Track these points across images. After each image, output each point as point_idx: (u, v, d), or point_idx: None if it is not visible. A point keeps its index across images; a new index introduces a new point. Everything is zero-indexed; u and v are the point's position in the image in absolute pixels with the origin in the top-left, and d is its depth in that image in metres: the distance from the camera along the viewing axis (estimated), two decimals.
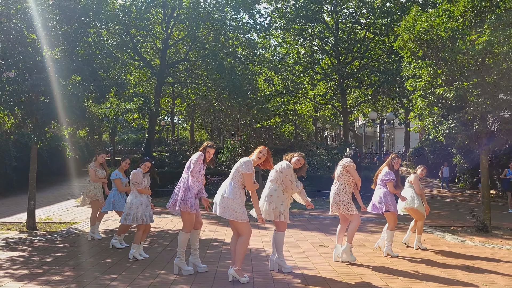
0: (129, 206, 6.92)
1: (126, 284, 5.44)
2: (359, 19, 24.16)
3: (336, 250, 6.96)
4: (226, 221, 10.51)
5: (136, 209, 6.88)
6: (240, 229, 5.54)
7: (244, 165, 5.46)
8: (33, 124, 9.58)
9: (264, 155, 5.65)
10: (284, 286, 5.47)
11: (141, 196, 6.97)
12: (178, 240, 5.93)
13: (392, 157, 7.69)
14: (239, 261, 5.53)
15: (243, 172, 5.45)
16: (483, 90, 9.72)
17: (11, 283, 5.42)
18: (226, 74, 23.58)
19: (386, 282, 5.77)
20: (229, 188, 5.48)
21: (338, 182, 6.83)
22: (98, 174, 8.70)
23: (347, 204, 6.65)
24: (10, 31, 8.77)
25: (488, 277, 6.12)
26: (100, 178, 8.72)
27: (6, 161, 16.96)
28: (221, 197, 5.49)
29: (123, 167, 8.29)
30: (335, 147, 22.38)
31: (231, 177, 5.55)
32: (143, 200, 6.96)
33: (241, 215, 5.42)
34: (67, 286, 5.33)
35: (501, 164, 18.43)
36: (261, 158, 5.65)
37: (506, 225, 11.18)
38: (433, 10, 10.37)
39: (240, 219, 5.43)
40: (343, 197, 6.69)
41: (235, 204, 5.40)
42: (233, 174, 5.54)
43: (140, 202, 6.92)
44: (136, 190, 6.94)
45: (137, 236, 6.87)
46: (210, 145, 5.99)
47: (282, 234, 6.14)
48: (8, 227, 9.79)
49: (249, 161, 5.54)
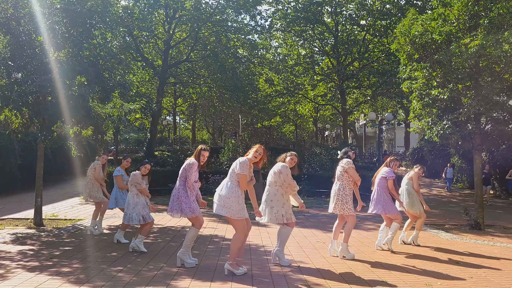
0: (126, 207, 7.31)
1: (131, 275, 5.75)
2: (359, 21, 24.46)
3: (332, 245, 7.25)
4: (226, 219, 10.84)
5: (132, 210, 7.24)
6: (234, 226, 5.84)
7: (239, 166, 5.74)
8: (40, 124, 9.90)
9: (260, 154, 5.92)
10: (281, 278, 5.78)
11: (138, 197, 7.30)
12: (188, 235, 6.24)
13: (390, 159, 7.94)
14: (232, 256, 5.85)
15: (238, 173, 5.74)
16: (476, 92, 10.01)
17: (24, 274, 5.75)
18: (227, 75, 23.92)
19: (377, 274, 6.08)
20: (225, 187, 5.78)
21: (339, 182, 7.07)
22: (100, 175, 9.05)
23: (345, 204, 6.90)
24: (19, 34, 9.09)
25: (475, 271, 6.43)
26: (101, 178, 9.05)
27: (11, 159, 17.29)
28: (219, 195, 5.80)
29: (125, 165, 8.62)
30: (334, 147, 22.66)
31: (229, 176, 5.85)
32: (139, 201, 7.29)
33: (237, 212, 5.70)
34: (76, 277, 5.64)
35: (498, 164, 18.72)
36: (257, 157, 5.91)
37: (500, 223, 11.48)
38: (428, 14, 10.66)
39: (235, 217, 5.71)
40: (343, 197, 6.93)
41: (231, 202, 5.69)
42: (230, 174, 5.84)
43: (136, 203, 7.28)
44: (136, 190, 7.27)
45: (143, 230, 7.21)
46: (204, 148, 6.25)
47: (289, 229, 6.45)
48: (16, 223, 10.11)
49: (245, 162, 5.78)
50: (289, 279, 5.77)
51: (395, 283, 5.67)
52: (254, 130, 46.62)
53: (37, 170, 10.10)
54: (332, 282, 5.65)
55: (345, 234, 7.00)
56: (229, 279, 5.67)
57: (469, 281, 5.87)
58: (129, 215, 7.26)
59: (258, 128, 46.37)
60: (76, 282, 5.38)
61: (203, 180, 17.23)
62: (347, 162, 7.06)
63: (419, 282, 5.76)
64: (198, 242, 8.19)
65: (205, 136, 58.82)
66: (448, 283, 5.75)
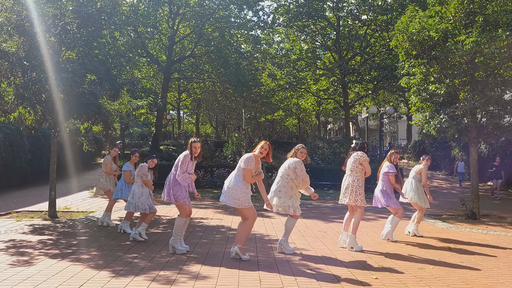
0: (132, 196, 7.81)
1: (146, 261, 6.22)
2: (360, 16, 24.76)
3: (342, 236, 7.49)
4: (232, 210, 11.32)
5: (138, 199, 7.77)
6: (245, 214, 6.29)
7: (243, 161, 6.23)
8: (53, 121, 10.35)
9: (266, 149, 6.36)
10: (284, 264, 6.24)
11: (143, 188, 7.82)
12: (175, 223, 6.77)
13: (391, 153, 8.26)
14: (243, 240, 6.33)
15: (242, 167, 6.22)
16: (472, 87, 10.41)
17: (47, 260, 6.23)
18: (230, 70, 24.31)
19: (375, 260, 6.53)
20: (233, 180, 6.27)
21: (353, 174, 7.30)
22: (112, 168, 9.55)
23: (359, 195, 7.19)
24: (33, 36, 9.51)
25: (467, 257, 6.87)
26: (113, 171, 9.57)
27: (21, 155, 17.78)
28: (227, 187, 6.28)
29: (134, 160, 9.06)
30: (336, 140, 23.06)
31: (236, 170, 6.35)
32: (144, 192, 7.82)
33: (244, 202, 6.18)
34: (96, 262, 6.12)
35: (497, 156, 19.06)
36: (263, 153, 6.35)
37: (495, 213, 11.90)
38: (425, 11, 11.01)
39: (243, 206, 6.19)
40: (356, 188, 7.21)
41: (238, 193, 6.16)
42: (237, 168, 6.33)
43: (142, 193, 7.81)
44: (141, 181, 7.76)
45: (147, 218, 7.73)
46: (195, 141, 6.71)
47: (294, 221, 6.89)
48: (31, 215, 10.59)
49: (250, 157, 6.26)
50: (292, 264, 6.23)
51: (390, 266, 6.12)
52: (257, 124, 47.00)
53: (51, 165, 10.56)
54: (331, 267, 6.10)
55: (354, 226, 7.27)
56: (236, 264, 6.12)
57: (460, 265, 6.31)
58: (135, 204, 7.76)
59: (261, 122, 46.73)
60: (96, 267, 5.86)
61: (207, 173, 17.73)
62: (362, 155, 7.28)
63: (412, 266, 6.21)
64: (206, 231, 8.67)
65: (209, 130, 59.31)
66: (440, 266, 6.19)
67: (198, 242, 7.61)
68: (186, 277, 5.47)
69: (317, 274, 5.71)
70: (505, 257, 6.94)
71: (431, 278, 5.59)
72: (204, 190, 16.66)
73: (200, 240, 7.84)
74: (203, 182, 17.40)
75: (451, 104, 10.86)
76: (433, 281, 5.48)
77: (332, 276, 5.61)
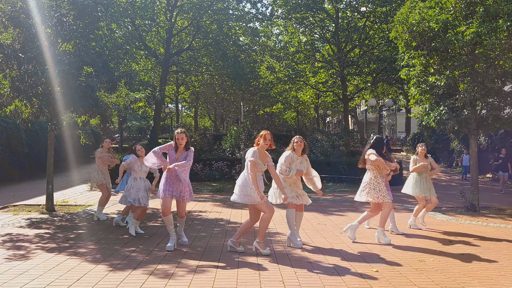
0: (127, 189, 7.68)
1: (144, 255, 6.16)
2: (359, 8, 24.60)
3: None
4: (230, 204, 11.27)
5: (128, 192, 7.62)
6: (261, 209, 6.19)
7: (247, 154, 6.19)
8: (50, 114, 10.25)
9: (269, 139, 6.27)
10: (284, 257, 6.18)
11: (134, 181, 7.68)
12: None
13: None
14: (262, 234, 6.29)
15: (248, 160, 6.15)
16: (472, 79, 10.33)
17: (44, 254, 6.16)
18: (229, 62, 24.19)
19: (375, 251, 6.48)
20: (243, 177, 6.20)
21: (370, 172, 7.24)
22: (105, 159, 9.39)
23: (379, 192, 7.10)
24: (29, 27, 9.39)
25: (466, 248, 6.83)
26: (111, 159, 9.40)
27: (18, 148, 17.70)
28: (238, 186, 6.22)
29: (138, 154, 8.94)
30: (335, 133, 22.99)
31: (245, 168, 6.27)
32: (137, 185, 7.67)
33: (256, 197, 6.06)
34: (93, 256, 6.05)
35: (496, 148, 19.06)
36: (267, 143, 6.27)
37: (494, 205, 11.87)
38: (425, 2, 10.90)
39: (256, 201, 6.10)
40: (375, 185, 7.13)
41: (248, 190, 6.08)
42: (246, 165, 6.26)
43: (132, 186, 7.66)
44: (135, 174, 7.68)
45: (135, 214, 7.61)
46: (178, 132, 6.49)
47: (291, 211, 6.84)
48: (29, 209, 10.53)
49: (252, 150, 6.20)
50: (291, 257, 6.17)
51: (391, 259, 6.07)
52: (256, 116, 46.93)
53: (48, 158, 10.48)
54: (331, 259, 6.05)
55: (381, 219, 7.24)
56: (235, 257, 6.07)
57: (460, 257, 6.26)
58: (126, 197, 7.66)
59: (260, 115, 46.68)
60: (93, 261, 5.79)
61: (206, 167, 17.66)
62: (370, 153, 7.09)
63: (412, 258, 6.16)
64: (205, 225, 8.62)
65: (207, 123, 59.19)
66: (440, 259, 6.14)
67: (196, 236, 7.56)
68: (184, 270, 5.41)
69: (317, 267, 5.66)
70: (505, 249, 6.90)
71: (432, 271, 5.55)
72: (202, 183, 16.62)
73: (198, 233, 7.79)
74: (202, 175, 17.35)
75: (451, 96, 10.79)
76: (433, 273, 5.43)
77: (332, 269, 5.57)
